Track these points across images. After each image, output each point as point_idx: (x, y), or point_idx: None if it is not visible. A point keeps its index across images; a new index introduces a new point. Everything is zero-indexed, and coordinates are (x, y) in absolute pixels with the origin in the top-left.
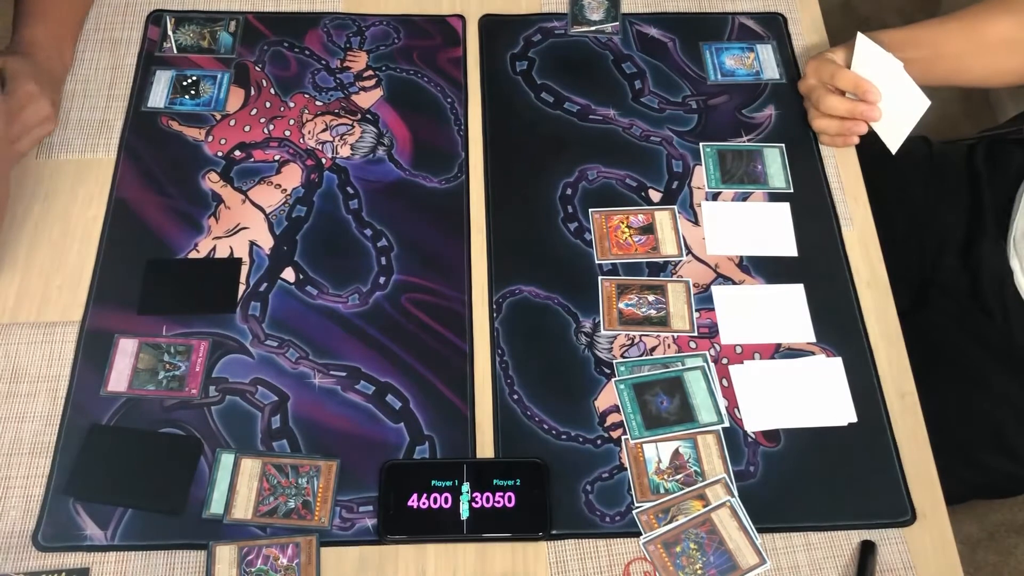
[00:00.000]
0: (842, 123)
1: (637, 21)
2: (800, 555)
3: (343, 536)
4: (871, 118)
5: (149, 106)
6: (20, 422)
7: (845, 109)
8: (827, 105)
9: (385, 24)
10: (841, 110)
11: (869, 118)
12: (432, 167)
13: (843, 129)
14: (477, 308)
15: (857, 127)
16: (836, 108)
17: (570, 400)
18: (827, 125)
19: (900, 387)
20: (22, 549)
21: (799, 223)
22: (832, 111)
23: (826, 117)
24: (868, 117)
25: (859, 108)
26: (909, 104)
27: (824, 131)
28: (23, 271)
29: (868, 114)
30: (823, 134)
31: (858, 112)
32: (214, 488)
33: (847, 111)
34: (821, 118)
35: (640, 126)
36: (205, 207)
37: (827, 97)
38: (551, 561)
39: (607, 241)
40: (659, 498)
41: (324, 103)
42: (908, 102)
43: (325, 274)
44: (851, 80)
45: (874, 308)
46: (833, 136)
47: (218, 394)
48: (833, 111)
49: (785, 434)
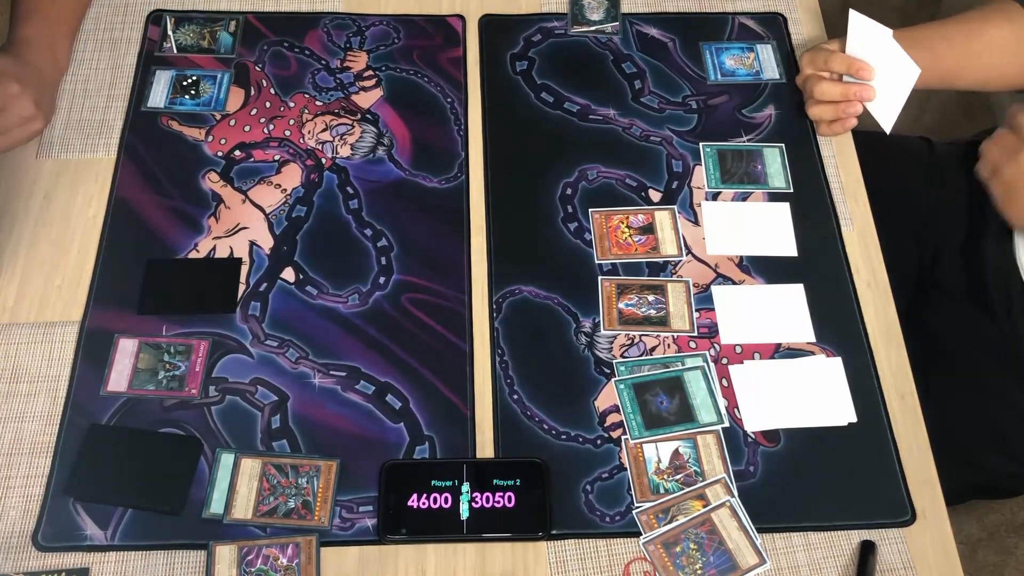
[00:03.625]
0: (836, 107)
1: (637, 21)
2: (800, 555)
3: (343, 536)
4: (865, 97)
5: (149, 106)
6: (20, 422)
7: (839, 92)
8: (820, 90)
9: (385, 24)
10: (835, 94)
11: (863, 98)
12: (432, 167)
13: (839, 113)
14: (477, 308)
15: (852, 108)
16: (830, 93)
17: (570, 400)
18: (822, 111)
19: (900, 387)
20: (22, 549)
21: (799, 223)
22: (826, 96)
23: (820, 104)
24: (862, 96)
25: (852, 89)
26: (901, 75)
27: (820, 118)
28: (23, 271)
29: (862, 94)
30: (820, 122)
31: (851, 93)
32: (214, 488)
33: (840, 94)
34: (816, 105)
35: (640, 126)
36: (205, 207)
37: (821, 83)
38: (551, 561)
39: (607, 241)
40: (659, 498)
41: (324, 103)
42: (899, 73)
43: (325, 274)
44: (845, 61)
45: (874, 308)
46: (830, 123)
47: (218, 394)
48: (827, 96)
49: (785, 434)
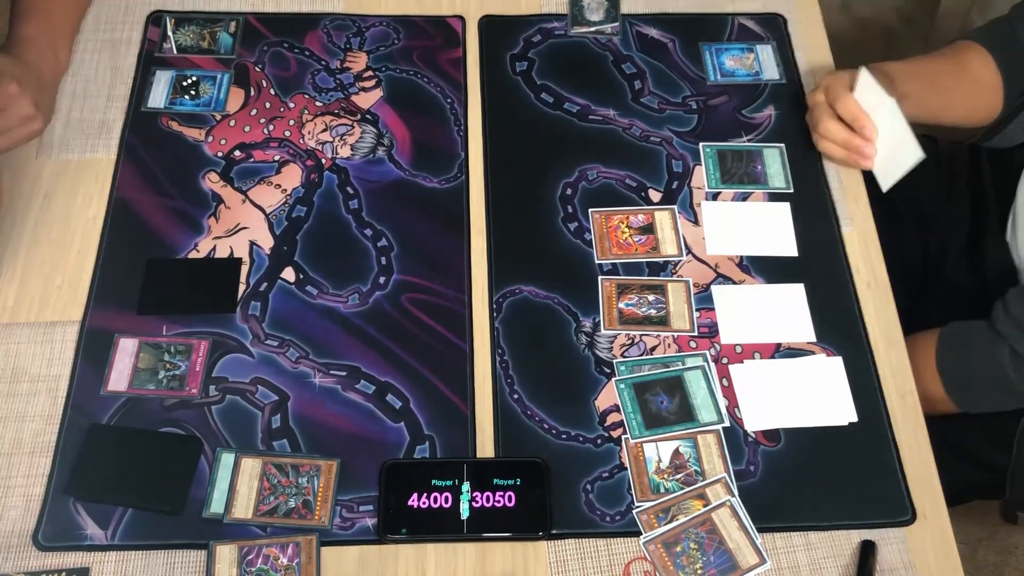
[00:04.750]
0: (845, 154)
1: (637, 22)
2: (800, 555)
3: (343, 536)
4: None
5: (149, 106)
6: (20, 422)
7: (841, 139)
8: (824, 128)
9: (385, 25)
10: (838, 139)
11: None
12: (432, 167)
13: (847, 158)
14: (477, 308)
15: (861, 163)
16: (832, 133)
17: (570, 400)
18: (831, 151)
19: (900, 387)
20: (22, 549)
21: (799, 223)
22: (829, 135)
23: (827, 142)
24: (862, 155)
25: (854, 142)
26: (903, 149)
27: (829, 155)
28: (23, 271)
29: (862, 150)
30: (828, 157)
31: (853, 146)
32: (214, 488)
33: (843, 141)
34: (823, 141)
35: (640, 126)
36: (205, 207)
37: (825, 120)
38: (551, 561)
39: (607, 241)
40: (659, 498)
41: (324, 103)
42: (902, 147)
43: (325, 274)
44: (851, 110)
45: (874, 308)
46: (838, 161)
47: (218, 394)
48: (830, 136)
49: (785, 434)
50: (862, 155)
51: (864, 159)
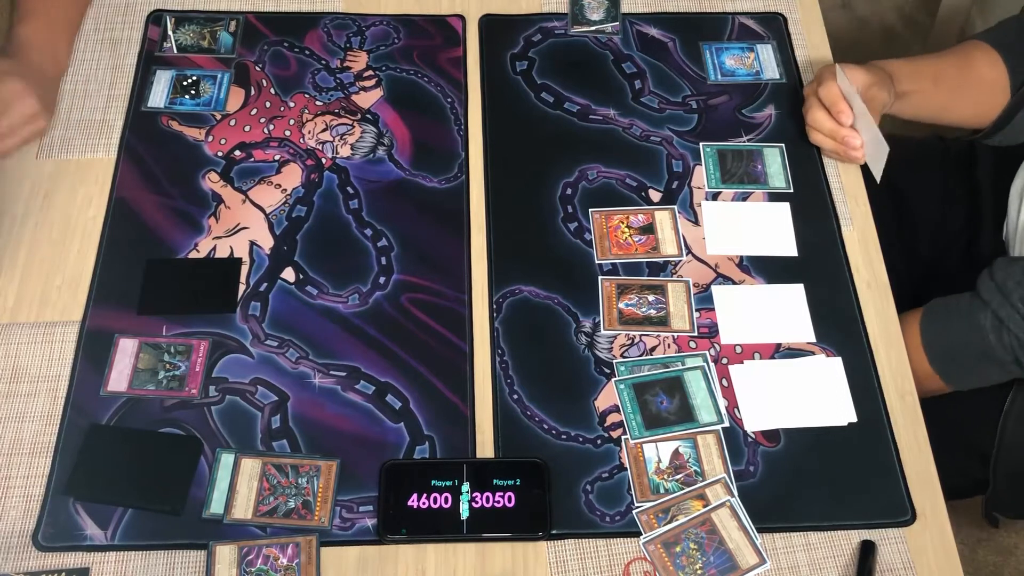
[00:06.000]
0: (836, 145)
1: (637, 21)
2: (800, 555)
3: (343, 536)
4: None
5: (149, 106)
6: (20, 422)
7: (827, 129)
8: (812, 116)
9: (385, 24)
10: (825, 128)
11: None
12: (432, 167)
13: (837, 151)
14: (477, 308)
15: (851, 156)
16: (819, 122)
17: (570, 400)
18: (821, 141)
19: (900, 387)
20: (22, 549)
21: (799, 223)
22: (816, 124)
23: (817, 132)
24: (848, 144)
25: (841, 133)
26: (876, 145)
27: (821, 146)
28: (23, 271)
29: (848, 141)
30: (822, 149)
31: (840, 136)
32: (214, 488)
33: (829, 131)
34: (814, 132)
35: (640, 126)
36: (205, 207)
37: (814, 109)
38: (551, 561)
39: (607, 241)
40: (659, 498)
41: (324, 103)
42: (875, 144)
43: (325, 274)
44: (831, 95)
45: (874, 308)
46: (829, 152)
47: (218, 394)
48: (817, 125)
49: (785, 434)
50: (849, 145)
51: (852, 150)
